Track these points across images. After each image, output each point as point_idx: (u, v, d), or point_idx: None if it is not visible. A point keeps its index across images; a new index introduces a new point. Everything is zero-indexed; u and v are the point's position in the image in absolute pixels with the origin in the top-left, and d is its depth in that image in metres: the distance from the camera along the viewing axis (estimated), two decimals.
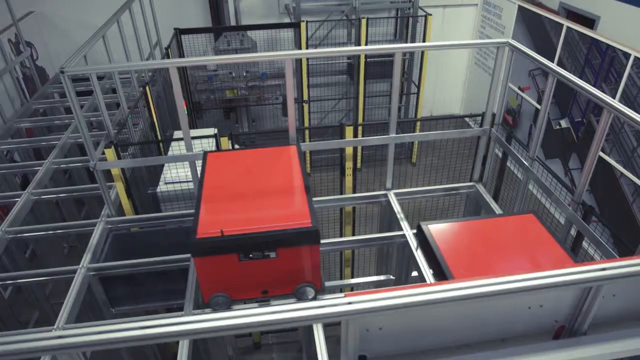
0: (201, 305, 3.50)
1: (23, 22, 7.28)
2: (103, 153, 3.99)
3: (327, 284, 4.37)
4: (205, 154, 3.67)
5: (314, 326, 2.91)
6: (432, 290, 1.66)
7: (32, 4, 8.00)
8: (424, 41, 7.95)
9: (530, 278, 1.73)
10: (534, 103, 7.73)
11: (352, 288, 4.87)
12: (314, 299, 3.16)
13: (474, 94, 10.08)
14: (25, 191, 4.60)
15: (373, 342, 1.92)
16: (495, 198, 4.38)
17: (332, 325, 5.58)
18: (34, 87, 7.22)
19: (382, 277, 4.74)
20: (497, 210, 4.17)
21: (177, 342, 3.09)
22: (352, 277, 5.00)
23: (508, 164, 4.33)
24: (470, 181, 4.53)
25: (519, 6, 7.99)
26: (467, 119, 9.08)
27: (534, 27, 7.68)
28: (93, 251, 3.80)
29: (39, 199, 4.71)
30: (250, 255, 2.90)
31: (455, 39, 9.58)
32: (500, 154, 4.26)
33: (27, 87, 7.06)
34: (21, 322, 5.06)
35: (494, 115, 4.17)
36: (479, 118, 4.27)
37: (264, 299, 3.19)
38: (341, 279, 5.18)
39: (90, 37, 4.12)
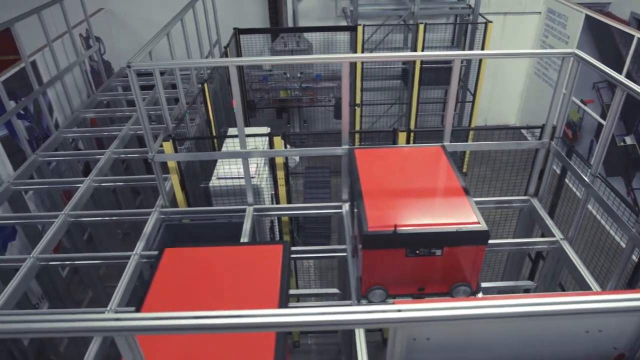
0: None
1: (93, 18, 7.68)
2: (161, 145, 4.14)
3: None
4: (352, 150, 3.77)
5: (356, 331, 2.90)
6: (484, 305, 1.61)
7: (102, 1, 8.43)
8: (482, 49, 7.75)
9: (589, 301, 1.64)
10: (597, 117, 7.38)
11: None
12: None
13: (532, 105, 9.72)
14: (88, 178, 4.85)
15: (419, 352, 1.90)
16: (551, 214, 4.21)
17: (374, 331, 5.50)
18: (99, 80, 7.59)
19: None
20: (552, 227, 4.00)
21: None
22: None
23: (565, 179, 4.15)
24: (525, 195, 4.38)
25: (586, 15, 7.65)
26: (523, 131, 8.77)
27: (600, 38, 7.33)
28: (147, 239, 3.96)
29: (99, 186, 4.95)
30: (417, 252, 2.93)
31: (514, 47, 9.28)
32: (558, 169, 4.10)
33: (93, 80, 7.44)
34: (75, 301, 5.34)
35: (554, 128, 4.01)
36: (535, 130, 4.11)
37: (419, 296, 3.19)
38: None
39: (155, 34, 4.29)
